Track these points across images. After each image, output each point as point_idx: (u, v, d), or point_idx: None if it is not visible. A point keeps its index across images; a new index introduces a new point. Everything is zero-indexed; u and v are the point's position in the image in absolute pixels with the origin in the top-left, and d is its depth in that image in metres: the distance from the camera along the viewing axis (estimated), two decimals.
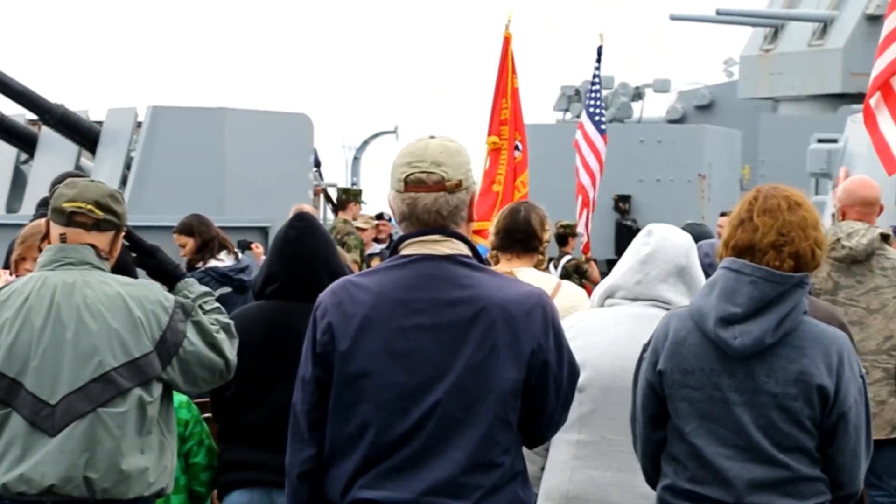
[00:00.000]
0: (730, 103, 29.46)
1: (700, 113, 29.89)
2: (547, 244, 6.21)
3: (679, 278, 4.63)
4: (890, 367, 7.28)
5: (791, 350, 3.97)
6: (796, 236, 4.01)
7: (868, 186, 7.58)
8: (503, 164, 13.30)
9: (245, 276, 9.83)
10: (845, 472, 4.04)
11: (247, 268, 9.97)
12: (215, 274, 9.65)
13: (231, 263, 9.89)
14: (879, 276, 7.36)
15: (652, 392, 4.12)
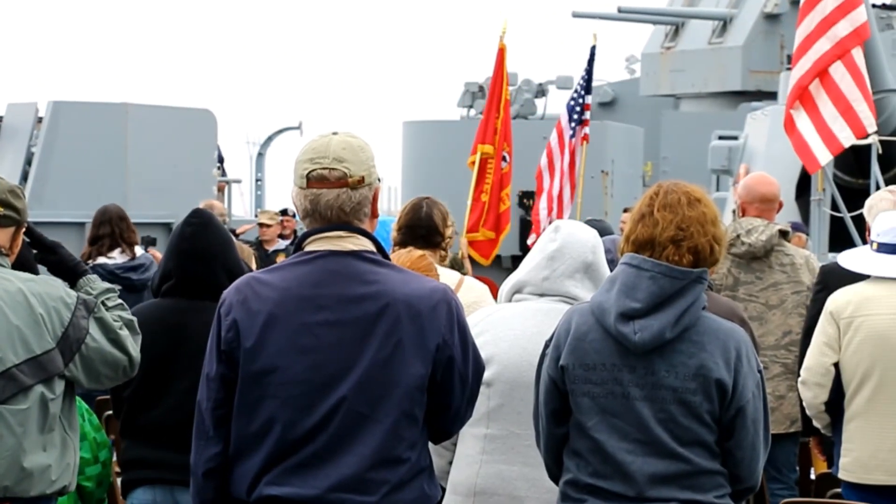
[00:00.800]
0: (632, 100, 29.69)
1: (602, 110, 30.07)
2: (450, 240, 6.24)
3: (586, 274, 4.67)
4: (789, 362, 7.36)
5: (690, 345, 4.02)
6: (695, 231, 4.06)
7: (767, 183, 7.66)
8: (490, 175, 13.32)
9: (135, 275, 9.74)
10: (744, 466, 4.09)
11: (140, 266, 9.86)
12: (102, 271, 9.56)
13: (122, 261, 9.78)
14: (778, 272, 7.44)
15: (554, 387, 4.15)
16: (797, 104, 10.55)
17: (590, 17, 29.57)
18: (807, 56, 10.47)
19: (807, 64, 10.47)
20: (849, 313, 5.94)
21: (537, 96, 29.17)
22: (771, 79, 25.75)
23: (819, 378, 6.00)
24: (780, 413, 7.34)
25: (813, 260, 7.58)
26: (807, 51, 10.49)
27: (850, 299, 5.98)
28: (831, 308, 6.00)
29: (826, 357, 5.97)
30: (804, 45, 10.55)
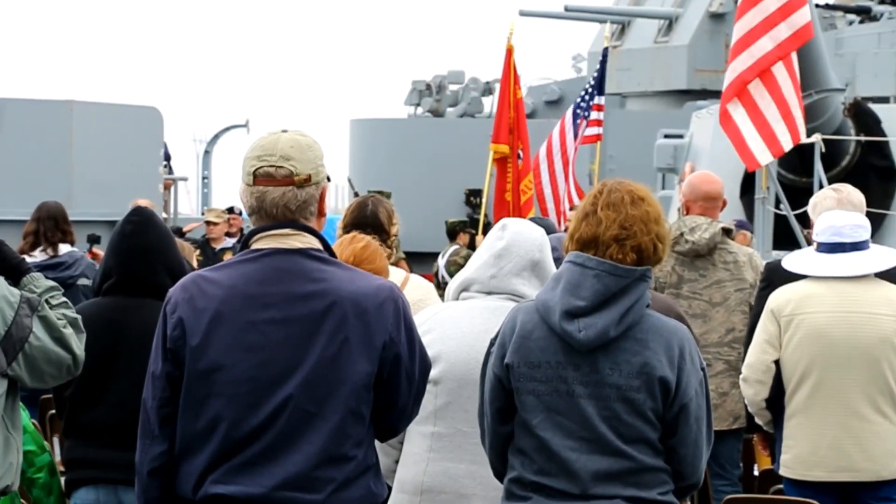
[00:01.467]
0: None
1: (549, 108, 30.15)
2: (395, 238, 6.24)
3: (533, 272, 4.69)
4: (732, 360, 7.41)
5: (634, 343, 4.04)
6: (638, 230, 4.08)
7: (711, 182, 7.71)
8: (511, 173, 13.41)
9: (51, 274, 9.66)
10: (687, 463, 4.11)
11: (60, 265, 9.76)
12: None
13: (40, 259, 9.69)
14: (722, 269, 7.49)
15: (499, 385, 4.16)
16: (735, 100, 10.60)
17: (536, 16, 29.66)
18: (748, 51, 10.51)
19: (748, 60, 10.51)
20: (789, 311, 5.99)
21: (484, 94, 29.21)
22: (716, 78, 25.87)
23: (760, 375, 6.04)
24: (724, 410, 7.39)
25: (756, 258, 7.64)
26: (747, 46, 10.53)
27: (790, 297, 6.03)
28: (772, 306, 6.05)
29: (767, 354, 6.02)
30: (744, 40, 10.58)
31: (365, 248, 5.47)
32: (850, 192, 6.54)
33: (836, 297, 5.96)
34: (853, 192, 6.53)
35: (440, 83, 28.50)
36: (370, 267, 5.29)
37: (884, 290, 6.00)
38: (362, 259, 5.40)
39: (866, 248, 6.03)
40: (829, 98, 14.74)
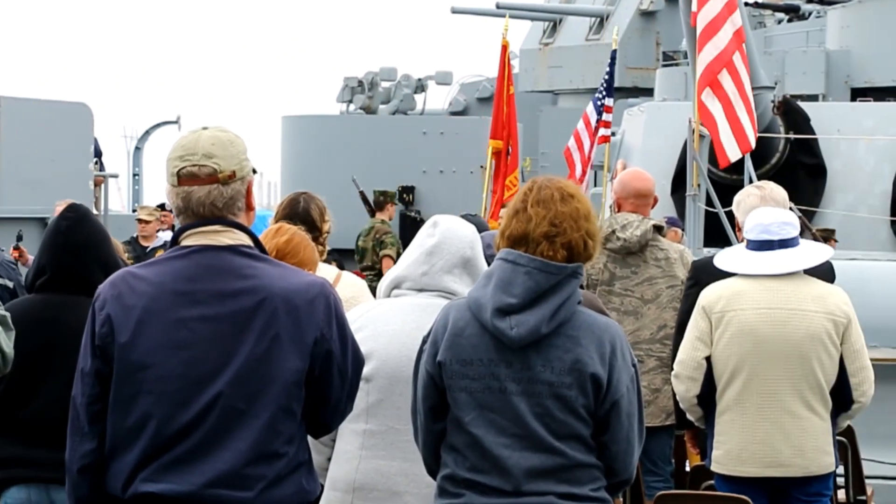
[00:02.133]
0: None
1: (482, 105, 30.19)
2: (327, 234, 6.23)
3: (464, 269, 4.69)
4: (664, 356, 7.45)
5: (566, 339, 4.04)
6: (568, 227, 4.09)
7: (642, 179, 7.75)
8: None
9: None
10: (619, 459, 4.13)
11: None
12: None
13: None
14: (653, 266, 7.53)
15: (432, 383, 4.16)
16: (709, 90, 10.57)
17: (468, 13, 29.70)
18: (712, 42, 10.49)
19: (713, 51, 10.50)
20: (720, 308, 6.02)
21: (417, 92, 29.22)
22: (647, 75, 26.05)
23: (691, 372, 6.07)
24: (656, 406, 7.43)
25: (687, 255, 7.68)
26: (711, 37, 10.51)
27: (721, 294, 6.06)
28: (703, 303, 6.09)
29: (698, 351, 6.06)
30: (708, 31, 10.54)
31: (288, 242, 5.44)
32: (772, 189, 6.60)
33: (767, 294, 6.00)
34: (776, 189, 6.59)
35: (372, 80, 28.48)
36: (293, 260, 5.27)
37: (813, 287, 6.04)
38: (285, 253, 5.38)
39: (795, 245, 6.07)
40: (759, 96, 14.84)
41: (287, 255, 5.34)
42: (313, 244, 5.59)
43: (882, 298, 10.52)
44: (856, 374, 6.00)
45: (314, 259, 5.51)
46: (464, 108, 30.09)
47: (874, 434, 9.30)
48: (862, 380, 6.01)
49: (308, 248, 5.49)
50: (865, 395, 6.05)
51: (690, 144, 12.56)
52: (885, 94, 20.13)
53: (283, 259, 5.32)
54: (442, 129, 21.79)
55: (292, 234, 5.49)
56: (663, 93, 20.86)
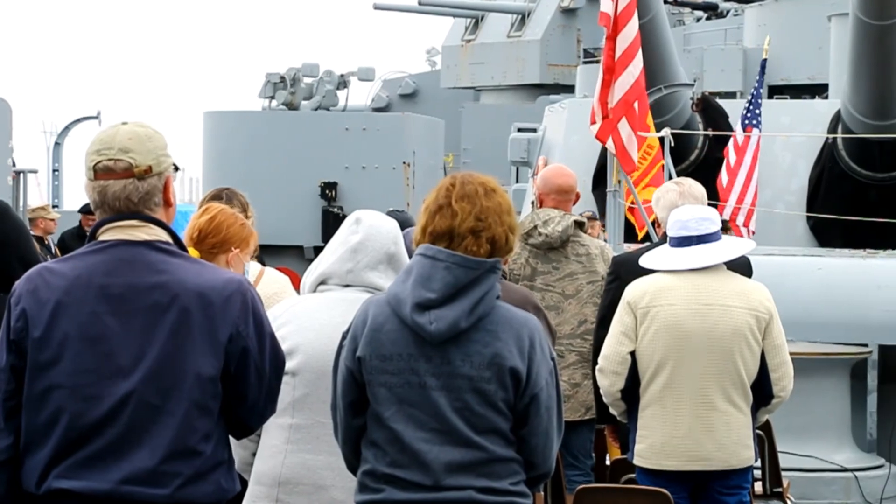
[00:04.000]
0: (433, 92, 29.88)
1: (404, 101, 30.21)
2: None
3: (389, 265, 4.71)
4: (584, 351, 7.49)
5: (485, 334, 4.05)
6: (493, 222, 4.11)
7: (564, 175, 7.79)
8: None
9: None
10: (538, 453, 4.14)
11: None
12: None
13: None
14: (574, 262, 7.57)
15: (351, 378, 4.16)
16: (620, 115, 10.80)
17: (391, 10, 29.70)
18: (627, 72, 10.71)
19: (629, 79, 10.73)
20: (645, 303, 6.07)
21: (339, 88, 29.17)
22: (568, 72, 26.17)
23: (616, 366, 6.11)
24: (576, 401, 7.47)
25: (608, 250, 7.73)
26: (626, 65, 10.74)
27: (646, 290, 6.11)
28: (628, 298, 6.13)
29: (623, 346, 6.09)
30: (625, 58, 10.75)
31: (210, 221, 5.40)
32: (691, 185, 6.66)
33: (691, 289, 6.05)
34: (694, 186, 6.65)
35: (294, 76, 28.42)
36: (215, 239, 5.25)
37: (736, 282, 6.10)
38: (207, 232, 5.35)
39: (715, 240, 6.13)
40: (678, 93, 14.98)
41: (209, 234, 5.32)
42: (244, 220, 5.54)
43: (799, 293, 10.66)
44: (776, 370, 6.07)
45: (242, 236, 5.45)
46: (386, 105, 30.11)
47: (790, 427, 9.42)
48: (782, 375, 6.08)
49: (234, 226, 5.44)
50: (785, 389, 6.12)
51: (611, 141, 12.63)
52: (801, 92, 20.36)
53: (206, 239, 5.30)
54: (364, 125, 21.78)
55: (215, 213, 5.45)
56: (584, 89, 20.97)
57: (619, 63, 10.60)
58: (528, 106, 25.30)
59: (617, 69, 10.58)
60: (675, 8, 25.62)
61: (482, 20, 28.19)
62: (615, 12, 10.62)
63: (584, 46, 26.05)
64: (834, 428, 10.36)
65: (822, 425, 10.26)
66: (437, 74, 29.98)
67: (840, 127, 15.14)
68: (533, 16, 27.19)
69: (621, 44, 10.62)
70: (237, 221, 5.44)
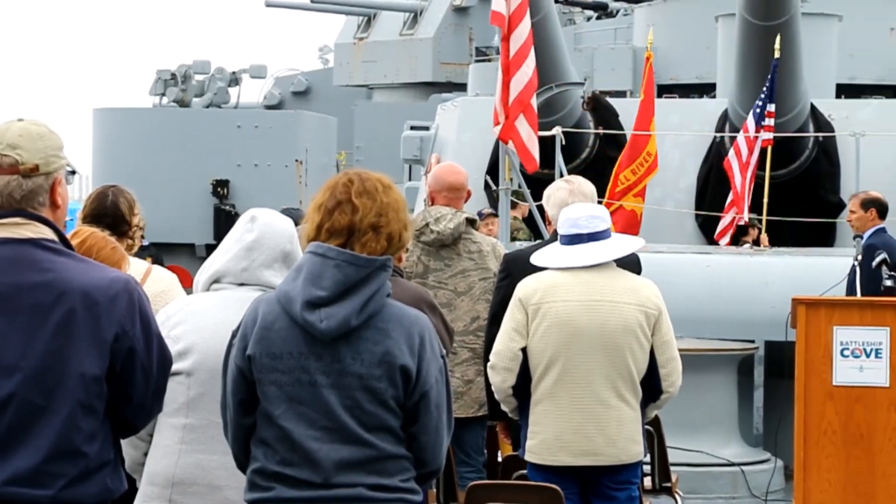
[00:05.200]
0: (325, 90, 29.83)
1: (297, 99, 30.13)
2: (137, 228, 6.16)
3: (284, 263, 4.70)
4: (477, 348, 7.52)
5: (375, 332, 4.06)
6: (392, 218, 4.11)
7: (455, 172, 7.81)
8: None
9: None
10: (428, 450, 4.15)
11: None
12: None
13: None
14: (466, 259, 7.60)
15: (241, 377, 4.15)
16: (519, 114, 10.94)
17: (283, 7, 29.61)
18: (522, 70, 10.82)
19: (523, 78, 10.85)
20: (536, 300, 6.11)
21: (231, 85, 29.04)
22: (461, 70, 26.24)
23: (507, 363, 6.14)
24: (469, 397, 7.50)
25: (500, 247, 7.77)
26: (520, 64, 10.86)
27: (537, 287, 6.15)
28: (520, 295, 6.17)
29: (514, 342, 6.13)
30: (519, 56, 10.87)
31: (80, 245, 5.31)
32: (581, 182, 6.73)
33: (582, 286, 6.10)
34: (584, 183, 6.71)
35: (185, 73, 28.24)
36: None
37: (626, 279, 6.17)
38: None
39: (605, 238, 6.18)
40: (569, 92, 15.10)
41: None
42: (115, 244, 5.48)
43: (687, 290, 10.79)
44: (665, 365, 6.13)
45: (114, 259, 5.37)
46: (278, 102, 30.00)
47: (679, 422, 9.54)
48: (671, 370, 6.15)
49: (105, 250, 5.37)
50: (674, 385, 6.18)
51: None
52: (690, 91, 20.57)
53: None
54: (256, 122, 21.71)
55: (86, 237, 5.38)
56: (476, 88, 21.05)
57: (513, 62, 10.70)
58: (420, 104, 25.33)
59: (511, 68, 10.69)
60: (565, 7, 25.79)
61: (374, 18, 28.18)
62: (508, 11, 10.72)
63: (477, 45, 26.13)
64: (721, 423, 10.50)
65: (710, 420, 10.40)
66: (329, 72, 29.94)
67: (727, 126, 15.35)
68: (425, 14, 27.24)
69: (515, 43, 10.73)
70: (108, 245, 5.38)
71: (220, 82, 28.41)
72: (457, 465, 7.17)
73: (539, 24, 14.25)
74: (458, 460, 7.29)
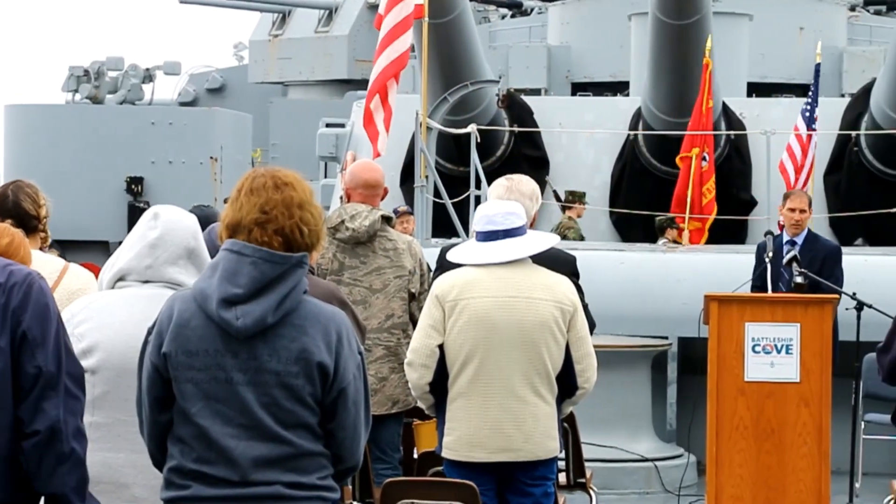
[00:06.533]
0: (241, 87, 29.71)
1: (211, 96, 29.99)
2: (46, 219, 6.08)
3: (189, 260, 4.68)
4: (391, 345, 7.53)
5: (292, 329, 4.06)
6: (279, 214, 4.11)
7: (371, 170, 7.81)
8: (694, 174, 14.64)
9: None
10: (346, 447, 4.16)
11: None
12: None
13: None
14: (382, 256, 7.61)
15: (157, 374, 4.13)
16: (378, 102, 11.13)
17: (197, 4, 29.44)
18: (386, 53, 10.98)
19: (385, 62, 11.00)
20: (453, 296, 6.13)
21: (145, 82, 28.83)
22: None
23: (424, 359, 6.15)
24: (384, 395, 7.51)
25: (415, 245, 7.79)
26: (387, 47, 11.03)
27: (454, 283, 6.17)
28: (437, 291, 6.19)
29: (431, 339, 6.14)
30: (385, 41, 11.05)
31: (9, 245, 5.29)
32: (520, 180, 6.76)
33: (498, 282, 6.12)
34: (523, 182, 6.74)
35: (99, 69, 27.99)
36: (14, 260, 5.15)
37: (542, 276, 6.20)
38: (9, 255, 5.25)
39: (521, 235, 6.21)
40: (484, 90, 15.14)
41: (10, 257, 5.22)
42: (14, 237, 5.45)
43: (602, 287, 10.85)
44: (580, 361, 6.17)
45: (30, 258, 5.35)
46: (193, 99, 29.84)
47: (593, 418, 9.61)
48: (586, 366, 6.18)
49: (26, 248, 5.36)
50: (589, 381, 6.22)
51: (418, 136, 12.76)
52: (603, 89, 20.72)
53: None
54: (171, 119, 21.59)
55: (12, 237, 5.37)
56: None
57: (377, 50, 10.94)
58: (336, 101, 25.30)
59: (375, 56, 10.96)
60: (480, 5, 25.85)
61: (289, 15, 28.10)
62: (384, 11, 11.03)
63: None
64: (635, 419, 10.58)
65: (624, 416, 10.48)
66: (244, 69, 29.82)
67: (641, 124, 15.47)
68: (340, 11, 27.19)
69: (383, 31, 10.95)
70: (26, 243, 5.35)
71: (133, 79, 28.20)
72: (373, 462, 7.18)
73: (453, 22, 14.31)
74: (373, 457, 7.30)
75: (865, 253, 12.67)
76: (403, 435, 7.71)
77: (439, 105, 14.17)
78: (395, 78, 11.45)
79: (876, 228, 15.23)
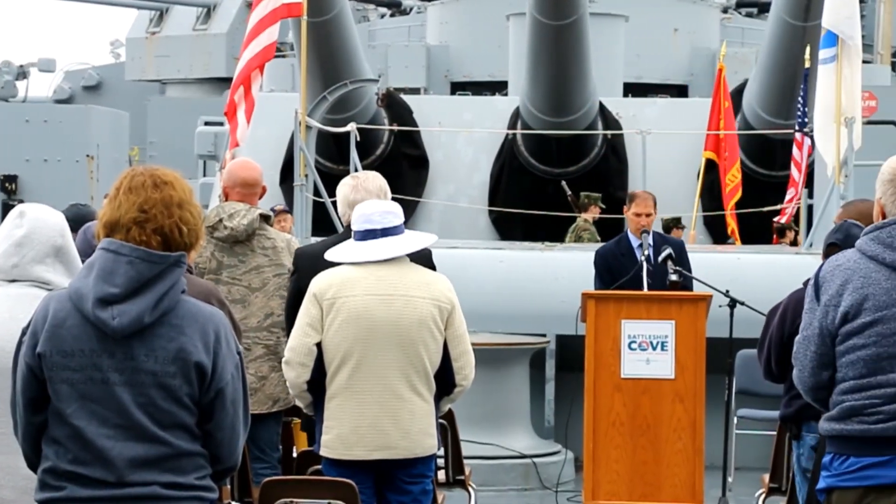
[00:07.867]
0: (117, 85, 29.44)
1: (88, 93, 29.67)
2: None
3: (57, 258, 4.64)
4: (271, 343, 7.52)
5: (170, 329, 4.05)
6: (158, 213, 4.10)
7: (249, 168, 7.79)
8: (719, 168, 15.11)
9: None
10: (224, 447, 4.16)
11: None
12: None
13: None
14: (260, 255, 7.59)
15: (31, 375, 4.10)
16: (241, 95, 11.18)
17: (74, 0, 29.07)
18: (255, 42, 11.05)
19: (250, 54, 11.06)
20: (331, 295, 6.13)
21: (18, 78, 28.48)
22: None
23: (302, 358, 6.15)
24: (263, 393, 7.50)
25: (294, 243, 7.77)
26: (253, 39, 11.11)
27: (332, 282, 6.18)
28: (314, 290, 6.19)
29: (309, 337, 6.14)
30: (252, 33, 11.12)
31: None
32: (366, 178, 6.80)
33: (375, 280, 6.13)
34: (370, 179, 6.78)
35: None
36: None
37: (420, 274, 6.23)
38: None
39: (399, 233, 6.24)
40: (363, 89, 15.15)
41: None
42: None
43: (481, 285, 10.93)
44: (458, 359, 6.20)
45: None
46: (69, 97, 29.50)
47: (472, 416, 9.67)
48: (464, 364, 6.22)
49: None
50: (467, 378, 6.26)
51: (297, 135, 12.74)
52: (482, 89, 20.82)
53: None
54: (46, 117, 21.34)
55: None
56: (271, 84, 20.98)
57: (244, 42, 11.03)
58: (214, 99, 25.14)
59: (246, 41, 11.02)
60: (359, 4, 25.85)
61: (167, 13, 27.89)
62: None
63: None
64: (514, 416, 10.65)
65: (503, 413, 10.54)
66: (121, 67, 29.54)
67: (519, 123, 15.59)
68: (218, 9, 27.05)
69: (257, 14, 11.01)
70: None
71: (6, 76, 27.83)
72: (251, 462, 7.16)
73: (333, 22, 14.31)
74: (252, 457, 7.28)
75: (738, 251, 12.88)
76: (282, 434, 7.70)
77: (319, 104, 14.16)
78: (260, 69, 11.50)
79: (750, 227, 15.50)
